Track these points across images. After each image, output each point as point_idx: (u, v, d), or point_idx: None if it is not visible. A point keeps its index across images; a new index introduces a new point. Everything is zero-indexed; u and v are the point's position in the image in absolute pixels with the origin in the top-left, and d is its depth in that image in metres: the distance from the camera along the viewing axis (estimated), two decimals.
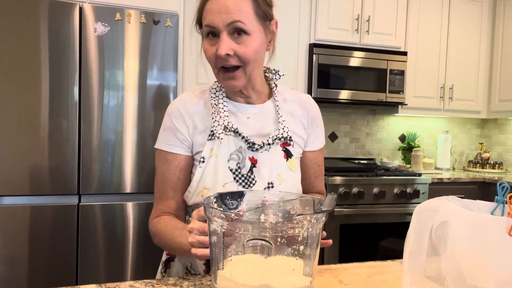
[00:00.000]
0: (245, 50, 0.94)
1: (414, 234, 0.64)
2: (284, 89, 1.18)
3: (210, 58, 0.97)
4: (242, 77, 0.97)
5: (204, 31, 0.96)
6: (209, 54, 0.97)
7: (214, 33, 0.94)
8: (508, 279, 0.54)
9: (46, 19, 2.14)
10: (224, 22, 0.91)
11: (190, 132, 1.04)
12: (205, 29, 0.95)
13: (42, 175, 2.16)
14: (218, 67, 0.97)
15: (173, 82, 2.36)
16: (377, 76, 3.18)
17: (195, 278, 0.88)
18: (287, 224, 0.64)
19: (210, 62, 0.98)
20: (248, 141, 1.01)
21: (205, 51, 0.97)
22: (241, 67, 0.96)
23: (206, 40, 0.96)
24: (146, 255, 2.34)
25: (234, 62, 0.94)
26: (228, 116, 1.03)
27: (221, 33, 0.92)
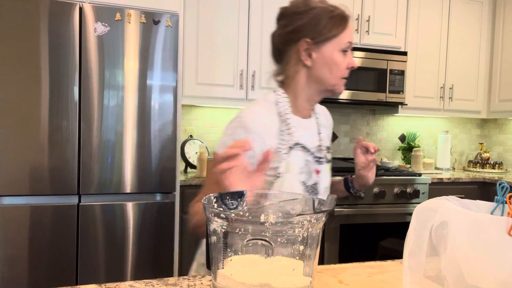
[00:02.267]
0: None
1: (414, 234, 0.64)
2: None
3: (342, 70, 1.15)
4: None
5: (344, 46, 1.13)
6: (343, 67, 1.15)
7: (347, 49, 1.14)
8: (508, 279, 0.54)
9: (46, 19, 2.14)
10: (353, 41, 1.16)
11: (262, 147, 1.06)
12: (346, 44, 1.14)
13: (42, 175, 2.16)
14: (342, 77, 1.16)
15: (173, 82, 2.36)
16: (377, 76, 3.18)
17: (195, 278, 0.88)
18: (287, 224, 0.64)
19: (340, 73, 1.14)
20: (315, 155, 1.17)
21: (338, 62, 1.14)
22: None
23: (341, 53, 1.14)
24: (146, 255, 2.35)
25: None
26: (296, 131, 1.14)
27: (349, 50, 1.15)
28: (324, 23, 1.11)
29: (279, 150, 1.09)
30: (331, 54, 1.12)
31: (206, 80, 2.88)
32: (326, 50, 1.12)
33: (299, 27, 1.12)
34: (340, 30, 1.12)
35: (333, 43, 1.12)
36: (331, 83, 1.15)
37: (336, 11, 1.13)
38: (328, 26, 1.11)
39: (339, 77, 1.14)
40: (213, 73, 2.90)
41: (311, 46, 1.12)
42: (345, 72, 1.15)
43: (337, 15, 1.12)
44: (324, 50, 1.12)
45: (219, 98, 2.92)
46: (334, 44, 1.12)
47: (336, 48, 1.12)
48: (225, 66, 2.92)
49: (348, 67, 1.14)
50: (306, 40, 1.12)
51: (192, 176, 2.76)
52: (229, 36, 2.91)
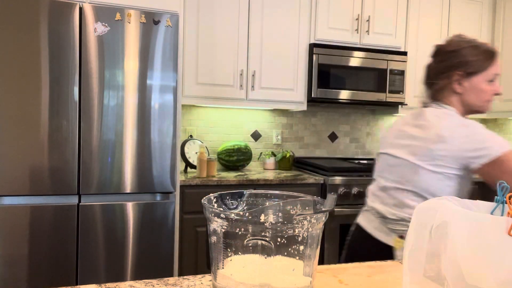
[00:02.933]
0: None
1: (414, 234, 0.64)
2: None
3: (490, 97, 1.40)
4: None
5: (491, 77, 1.39)
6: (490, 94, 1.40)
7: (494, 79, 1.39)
8: (508, 279, 0.54)
9: (46, 19, 2.14)
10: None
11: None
12: (493, 76, 1.39)
13: (42, 175, 2.16)
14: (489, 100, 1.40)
15: (173, 82, 2.36)
16: (377, 76, 3.18)
17: (195, 278, 0.88)
18: (287, 224, 0.64)
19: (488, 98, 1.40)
20: None
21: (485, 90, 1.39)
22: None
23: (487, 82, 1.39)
24: (146, 255, 2.35)
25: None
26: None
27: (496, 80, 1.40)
28: (475, 59, 1.38)
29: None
30: (479, 84, 1.38)
31: (206, 80, 2.88)
32: (475, 80, 1.38)
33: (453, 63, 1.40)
34: (488, 64, 1.38)
35: (482, 75, 1.37)
36: (478, 105, 1.40)
37: (483, 47, 1.40)
38: (479, 62, 1.37)
39: (485, 101, 1.39)
40: (213, 73, 2.90)
41: (462, 77, 1.39)
42: (491, 97, 1.40)
43: (485, 51, 1.39)
44: (473, 80, 1.38)
45: (219, 98, 2.92)
46: (482, 76, 1.37)
47: (484, 79, 1.38)
48: (225, 66, 2.92)
49: (494, 93, 1.39)
50: (458, 72, 1.39)
51: (192, 176, 2.76)
52: (229, 36, 2.91)
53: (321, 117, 3.51)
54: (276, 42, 3.00)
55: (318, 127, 3.52)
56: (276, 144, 3.43)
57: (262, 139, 3.39)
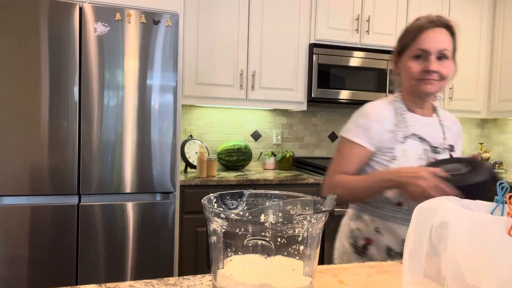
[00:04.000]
0: (445, 69, 1.29)
1: (414, 234, 0.64)
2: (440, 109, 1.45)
3: (415, 73, 1.29)
4: (436, 86, 1.29)
5: (414, 53, 1.29)
6: (415, 70, 1.29)
7: (422, 56, 1.27)
8: (508, 279, 0.54)
9: (46, 19, 2.14)
10: (436, 48, 1.27)
11: (379, 132, 1.30)
12: (416, 51, 1.28)
13: (42, 175, 2.16)
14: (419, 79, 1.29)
15: (173, 82, 2.36)
16: (377, 76, 3.17)
17: (195, 278, 0.88)
18: (287, 224, 0.64)
19: (412, 75, 1.29)
20: (432, 146, 1.32)
21: (411, 67, 1.29)
22: (437, 80, 1.29)
23: (412, 60, 1.29)
24: (146, 255, 2.35)
25: (436, 77, 1.28)
26: (412, 125, 1.32)
27: (431, 56, 1.27)
28: (403, 36, 1.34)
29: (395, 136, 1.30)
30: (406, 62, 1.31)
31: (206, 80, 2.88)
32: (403, 59, 1.32)
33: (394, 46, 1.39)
34: (412, 40, 1.30)
35: (408, 52, 1.31)
36: (409, 85, 1.32)
37: (416, 23, 1.31)
38: (404, 38, 1.33)
39: (414, 80, 1.30)
40: (213, 73, 2.90)
41: (396, 57, 1.37)
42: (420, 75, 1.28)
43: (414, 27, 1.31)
44: (402, 59, 1.33)
45: (219, 98, 2.92)
46: (408, 53, 1.30)
47: (409, 56, 1.30)
48: (225, 66, 2.92)
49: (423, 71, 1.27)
50: (394, 54, 1.38)
51: (192, 176, 2.76)
52: (229, 36, 2.91)
53: (321, 117, 3.51)
54: (276, 42, 3.00)
55: (318, 127, 3.52)
56: (276, 144, 3.43)
57: (262, 139, 3.39)
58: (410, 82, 1.31)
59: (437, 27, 1.29)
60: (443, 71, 1.28)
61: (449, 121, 1.43)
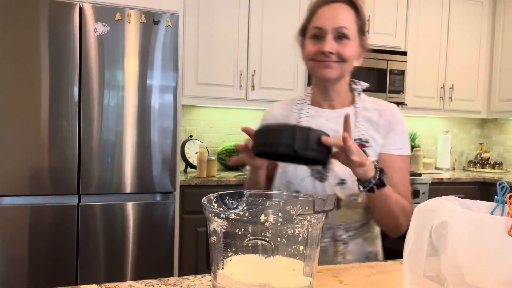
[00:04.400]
0: (346, 50, 1.11)
1: (414, 234, 0.64)
2: (367, 97, 1.25)
3: (309, 53, 1.13)
4: (336, 69, 1.12)
5: (311, 32, 1.14)
6: (310, 49, 1.13)
7: (319, 35, 1.12)
8: (508, 279, 0.54)
9: (46, 19, 2.14)
10: (332, 26, 1.10)
11: None
12: (312, 30, 1.14)
13: (42, 175, 2.16)
14: (314, 60, 1.13)
15: (173, 82, 2.36)
16: (377, 76, 3.17)
17: (195, 278, 0.88)
18: (287, 224, 0.64)
19: (307, 56, 1.14)
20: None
21: (306, 47, 1.15)
22: (337, 62, 1.11)
23: (310, 40, 1.15)
24: (146, 255, 2.34)
25: (334, 58, 1.11)
26: (308, 120, 1.19)
27: (327, 35, 1.11)
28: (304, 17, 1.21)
29: None
30: (304, 43, 1.18)
31: (206, 80, 2.88)
32: (305, 41, 1.18)
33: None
34: (308, 19, 1.18)
35: (308, 32, 1.17)
36: (308, 68, 1.18)
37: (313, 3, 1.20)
38: (305, 20, 1.20)
39: (309, 60, 1.15)
40: (213, 73, 2.90)
41: (299, 40, 1.23)
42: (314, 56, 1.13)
43: (312, 3, 1.20)
44: (305, 42, 1.18)
45: (219, 98, 2.92)
46: (308, 33, 1.17)
47: (307, 36, 1.16)
48: (225, 66, 2.92)
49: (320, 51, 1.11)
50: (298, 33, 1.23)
51: (192, 176, 2.76)
52: (229, 36, 2.91)
53: None
54: (276, 42, 3.00)
55: None
56: None
57: None
58: (308, 64, 1.17)
59: (335, 2, 1.14)
60: (343, 52, 1.11)
61: (372, 112, 1.20)
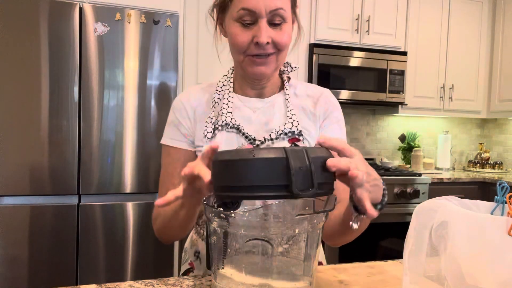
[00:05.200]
0: (283, 37, 0.90)
1: (414, 234, 0.65)
2: (296, 82, 1.06)
3: (241, 45, 0.89)
4: (272, 64, 0.92)
5: (237, 15, 0.88)
6: (241, 40, 0.89)
7: (248, 19, 0.88)
8: (508, 279, 0.54)
9: (46, 19, 2.14)
10: (267, 8, 0.86)
11: (191, 126, 0.99)
12: (239, 12, 0.87)
13: (42, 175, 2.16)
14: (248, 54, 0.91)
15: (173, 82, 2.36)
16: (377, 76, 3.17)
17: (195, 278, 0.88)
18: (287, 224, 0.64)
19: (238, 48, 0.91)
20: (249, 137, 0.95)
21: (235, 36, 0.89)
22: (273, 54, 0.91)
23: (236, 25, 0.89)
24: (146, 255, 2.35)
25: (270, 49, 0.89)
26: (231, 112, 0.97)
27: (261, 20, 0.87)
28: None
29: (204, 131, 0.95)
30: (228, 25, 0.92)
31: (206, 80, 2.88)
32: (226, 18, 0.93)
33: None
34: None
35: (229, 12, 0.91)
36: (236, 61, 0.96)
37: None
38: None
39: (240, 54, 0.92)
40: (213, 73, 2.90)
41: (219, 13, 0.97)
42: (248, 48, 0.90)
43: None
44: (226, 18, 0.94)
45: None
46: (229, 14, 0.91)
47: (231, 18, 0.91)
48: (225, 66, 2.91)
49: (254, 41, 0.88)
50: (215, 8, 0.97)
51: None
52: None
53: None
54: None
55: None
56: None
57: None
58: (238, 57, 0.94)
59: None
60: (280, 40, 0.89)
61: (304, 99, 1.02)
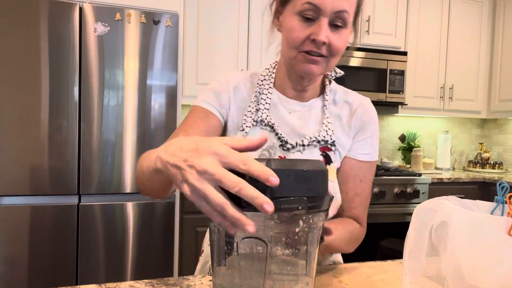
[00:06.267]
0: (340, 42, 0.87)
1: (414, 234, 0.65)
2: (337, 87, 1.04)
3: (297, 40, 0.86)
4: (323, 66, 0.89)
5: (300, 8, 0.85)
6: (297, 35, 0.86)
7: (312, 16, 0.85)
8: (508, 279, 0.54)
9: (46, 19, 2.14)
10: (333, 7, 0.83)
11: (229, 102, 0.97)
12: (303, 6, 0.84)
13: (42, 175, 2.16)
14: (301, 51, 0.88)
15: (173, 82, 2.36)
16: (377, 76, 3.17)
17: (195, 278, 0.88)
18: (287, 223, 0.64)
19: (293, 43, 0.87)
20: (282, 139, 0.93)
21: (292, 29, 0.86)
22: (326, 57, 0.88)
23: (296, 19, 0.86)
24: (146, 255, 2.35)
25: (324, 51, 0.87)
26: (268, 109, 0.95)
27: (323, 18, 0.84)
28: None
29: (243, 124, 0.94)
30: (287, 18, 0.89)
31: (206, 80, 2.88)
32: (286, 11, 0.89)
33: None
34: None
35: (292, 4, 0.88)
36: (287, 56, 0.92)
37: None
38: None
39: (292, 49, 0.88)
40: (213, 73, 2.90)
41: (279, 6, 0.93)
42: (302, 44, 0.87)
43: None
44: (285, 11, 0.90)
45: None
46: (291, 6, 0.88)
47: (292, 11, 0.87)
48: (225, 66, 2.92)
49: (311, 38, 0.85)
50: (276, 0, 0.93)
51: None
52: (229, 36, 2.91)
53: None
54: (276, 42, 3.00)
55: None
56: None
57: None
58: (291, 52, 0.90)
59: None
60: (336, 44, 0.87)
61: (342, 107, 1.01)
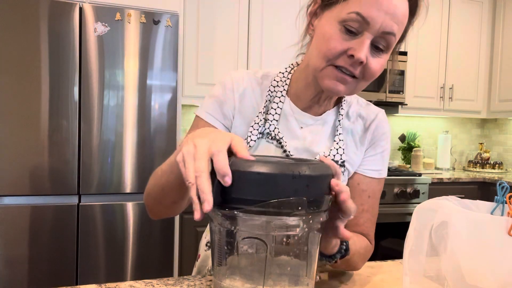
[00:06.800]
0: (377, 66, 0.78)
1: (414, 234, 0.65)
2: (351, 99, 0.96)
3: (332, 50, 0.75)
4: (351, 88, 0.80)
5: (345, 17, 0.74)
6: (334, 45, 0.75)
7: (356, 28, 0.74)
8: (508, 279, 0.54)
9: (46, 19, 2.14)
10: (383, 26, 0.74)
11: (234, 112, 0.89)
12: (350, 15, 0.73)
13: (42, 175, 2.16)
14: (332, 64, 0.77)
15: (173, 82, 2.36)
16: None
17: (195, 278, 0.88)
18: (286, 224, 0.64)
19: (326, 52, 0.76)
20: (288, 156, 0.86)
21: (330, 38, 0.75)
22: (356, 79, 0.79)
23: (337, 28, 0.75)
24: (146, 255, 2.35)
25: (358, 72, 0.77)
26: (277, 120, 0.87)
27: (367, 34, 0.74)
28: None
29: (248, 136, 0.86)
30: (326, 24, 0.77)
31: (206, 80, 2.88)
32: (326, 16, 0.78)
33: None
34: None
35: (335, 10, 0.76)
36: (315, 65, 0.79)
37: None
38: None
39: (324, 59, 0.77)
40: (213, 73, 2.90)
41: (318, 8, 0.83)
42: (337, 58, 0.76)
43: None
44: (325, 16, 0.79)
45: None
46: (335, 12, 0.76)
47: (334, 17, 0.76)
48: (225, 66, 2.92)
49: (348, 53, 0.75)
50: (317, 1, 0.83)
51: None
52: (229, 36, 2.91)
53: None
54: (276, 42, 3.00)
55: None
56: None
57: None
58: (320, 63, 0.78)
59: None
60: (372, 67, 0.78)
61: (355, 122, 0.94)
